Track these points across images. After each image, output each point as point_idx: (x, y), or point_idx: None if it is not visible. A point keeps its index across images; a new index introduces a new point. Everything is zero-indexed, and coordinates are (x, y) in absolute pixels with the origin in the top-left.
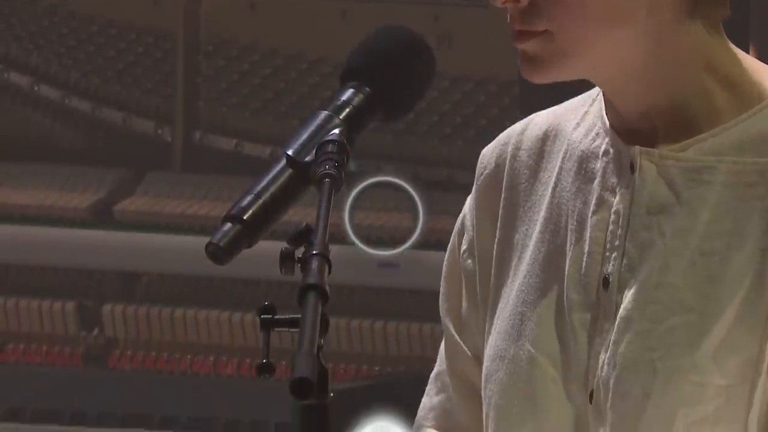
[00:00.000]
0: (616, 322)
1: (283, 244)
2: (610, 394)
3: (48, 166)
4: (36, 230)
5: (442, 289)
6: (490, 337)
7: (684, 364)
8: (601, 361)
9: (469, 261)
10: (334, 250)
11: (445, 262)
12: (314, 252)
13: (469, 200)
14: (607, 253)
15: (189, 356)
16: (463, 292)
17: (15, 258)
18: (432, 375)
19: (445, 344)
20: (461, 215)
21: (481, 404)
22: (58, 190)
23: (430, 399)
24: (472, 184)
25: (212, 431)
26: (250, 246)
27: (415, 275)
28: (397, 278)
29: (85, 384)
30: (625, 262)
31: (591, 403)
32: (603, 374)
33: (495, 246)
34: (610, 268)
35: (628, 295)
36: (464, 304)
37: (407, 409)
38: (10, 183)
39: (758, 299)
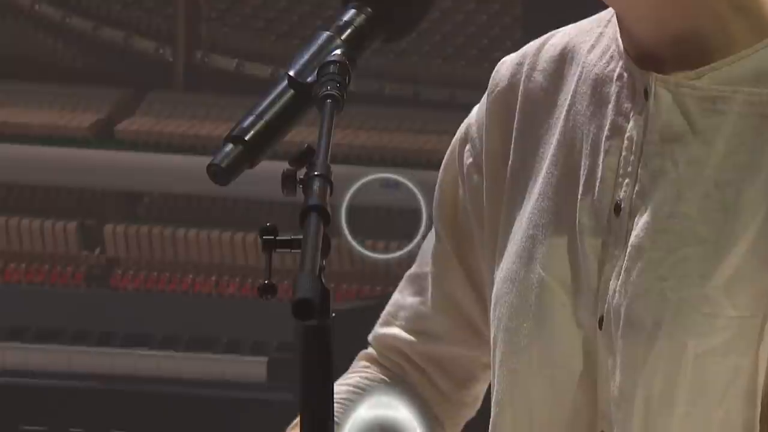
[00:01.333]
0: (628, 250)
1: (285, 165)
2: (621, 323)
3: (49, 86)
4: (37, 150)
5: (436, 195)
6: (503, 259)
7: (695, 295)
8: (611, 288)
9: (476, 176)
10: (335, 170)
11: (442, 168)
12: (316, 173)
13: (477, 112)
14: (620, 179)
15: (191, 276)
16: (462, 201)
17: (16, 177)
18: (409, 273)
19: (434, 251)
20: (465, 124)
21: (458, 318)
22: (59, 110)
23: (403, 297)
24: (473, 105)
25: (213, 351)
26: (251, 167)
27: (417, 195)
28: (399, 198)
29: (87, 304)
30: (637, 188)
31: (600, 330)
32: (614, 302)
33: (509, 168)
34: (621, 194)
35: (640, 223)
36: (461, 213)
37: None
38: (11, 102)
39: None
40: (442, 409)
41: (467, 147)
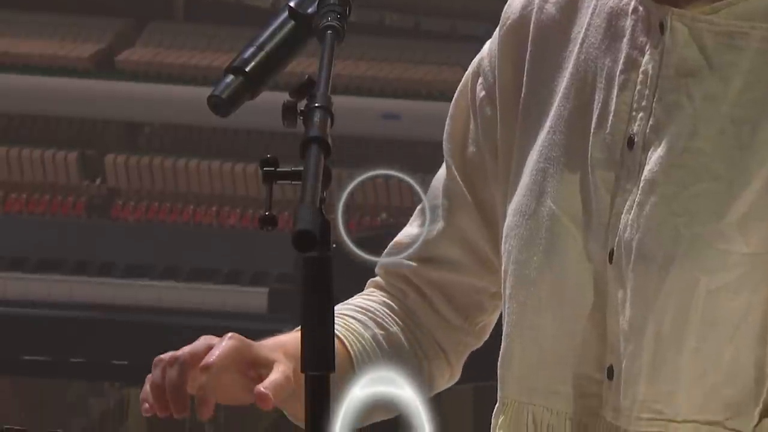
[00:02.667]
0: (641, 184)
1: (285, 96)
2: (632, 256)
3: (49, 16)
4: (37, 80)
5: (447, 128)
6: (514, 192)
7: (708, 231)
8: (623, 221)
9: (488, 108)
10: (336, 101)
11: (453, 102)
12: (316, 104)
13: (489, 45)
14: (634, 113)
15: (191, 207)
16: (473, 135)
17: (17, 108)
18: (419, 207)
19: (445, 183)
20: (478, 58)
21: (466, 248)
22: (59, 40)
23: (411, 228)
24: (474, 36)
25: (214, 281)
26: (252, 98)
27: (418, 126)
28: (400, 129)
29: (88, 234)
30: (651, 122)
31: (611, 263)
32: (626, 235)
33: (521, 100)
34: (635, 128)
35: (654, 157)
36: (472, 147)
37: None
38: (12, 32)
39: None
40: (443, 335)
41: (479, 80)
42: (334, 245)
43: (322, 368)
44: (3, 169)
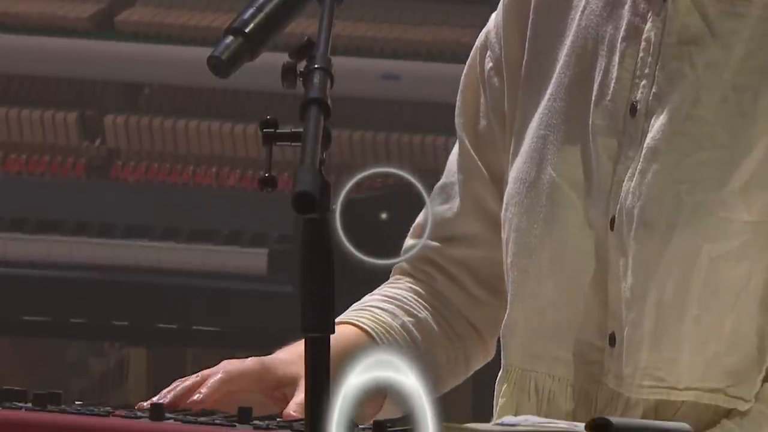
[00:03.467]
0: (643, 152)
1: (285, 57)
2: (634, 224)
3: None
4: (37, 40)
5: (458, 103)
6: (515, 159)
7: (711, 199)
8: (625, 189)
9: (496, 79)
10: (336, 62)
11: (463, 77)
12: (316, 66)
13: (495, 17)
14: (636, 80)
15: (191, 167)
16: (483, 108)
17: (16, 68)
18: (437, 186)
19: (459, 158)
20: (485, 31)
21: (486, 221)
22: (59, 0)
23: (433, 207)
24: None
25: (214, 242)
26: (252, 59)
27: (418, 87)
28: (400, 90)
29: (88, 195)
30: (654, 90)
31: (612, 231)
32: (627, 203)
33: (522, 68)
34: (638, 95)
35: (656, 125)
36: (483, 120)
37: (409, 221)
38: None
39: None
40: (474, 313)
41: (487, 53)
42: (333, 207)
43: (322, 330)
44: (2, 129)
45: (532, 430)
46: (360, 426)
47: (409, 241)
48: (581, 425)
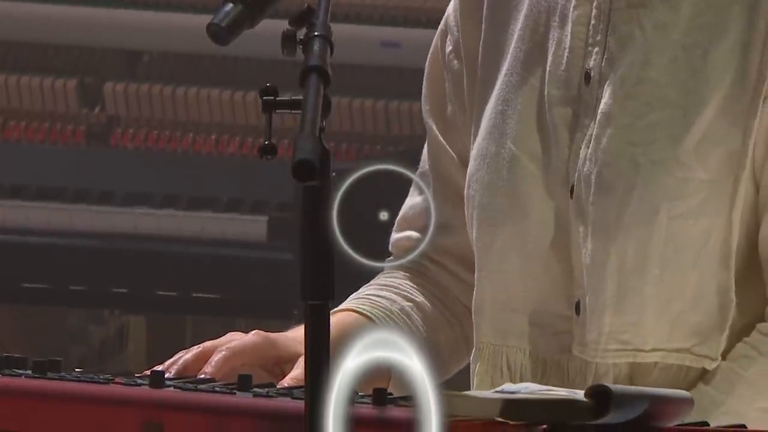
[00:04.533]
0: (597, 117)
1: (285, 25)
2: (591, 190)
3: None
4: (36, 7)
5: (424, 91)
6: (476, 138)
7: (666, 159)
8: (582, 156)
9: (456, 62)
10: (336, 29)
11: (427, 64)
12: (316, 33)
13: (452, 1)
14: (589, 48)
15: (191, 135)
16: (448, 93)
17: (16, 35)
18: (415, 175)
19: (428, 145)
20: (444, 16)
21: (461, 206)
22: None
23: (411, 199)
24: None
25: (213, 210)
26: (251, 26)
27: (417, 54)
28: (400, 57)
29: (87, 162)
30: (606, 56)
31: (572, 199)
32: (585, 169)
33: (480, 47)
34: (591, 62)
35: (609, 90)
36: (449, 105)
37: (408, 188)
38: None
39: (741, 92)
40: (468, 297)
41: (447, 38)
42: (333, 174)
43: (321, 297)
44: (2, 96)
45: (532, 397)
46: (360, 393)
47: (394, 236)
48: (581, 393)
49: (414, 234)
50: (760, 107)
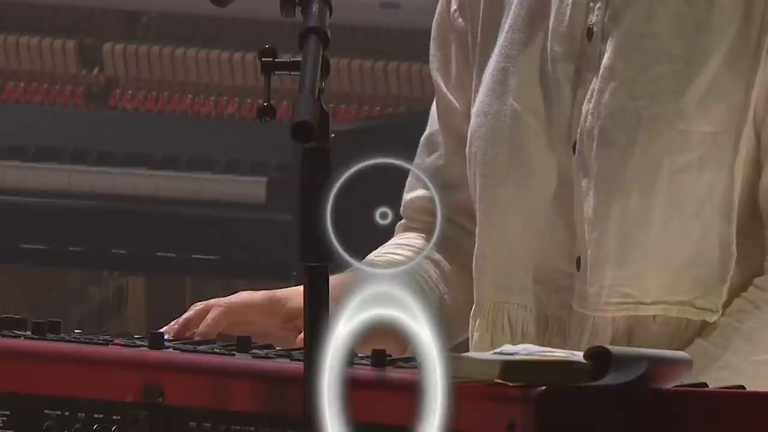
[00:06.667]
0: (600, 72)
1: None
2: (594, 144)
3: None
4: None
5: (431, 51)
6: (477, 94)
7: (669, 112)
8: (584, 111)
9: (460, 20)
10: None
11: (434, 24)
12: None
13: None
14: (591, 4)
15: (190, 96)
16: (454, 51)
17: None
18: (423, 137)
19: (436, 103)
20: None
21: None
22: None
23: (421, 160)
24: None
25: (212, 171)
26: None
27: (417, 14)
28: (399, 18)
29: (87, 123)
30: (609, 11)
31: (574, 154)
32: (587, 124)
33: (482, 4)
34: (594, 18)
35: (612, 44)
36: (455, 63)
37: (407, 149)
38: None
39: (744, 46)
40: None
41: None
42: (332, 135)
43: (321, 259)
44: (1, 57)
45: (531, 359)
46: (359, 355)
47: (406, 196)
48: (579, 354)
49: (426, 193)
50: (762, 60)
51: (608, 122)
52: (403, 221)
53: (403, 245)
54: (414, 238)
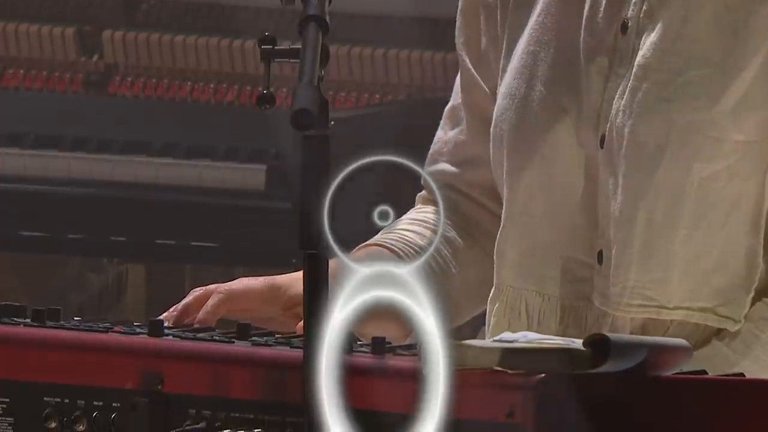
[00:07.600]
0: (634, 69)
1: None
2: (624, 142)
3: None
4: None
5: (458, 23)
6: (504, 75)
7: (701, 119)
8: (615, 107)
9: None
10: None
11: None
12: None
13: None
14: None
15: (189, 83)
16: (482, 26)
17: None
18: (446, 109)
19: (460, 77)
20: None
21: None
22: None
23: (444, 133)
24: None
25: (212, 158)
26: None
27: (417, 2)
28: (399, 5)
29: (86, 110)
30: (645, 7)
31: (602, 148)
32: (618, 121)
33: None
34: (629, 12)
35: (647, 42)
36: (483, 38)
37: (407, 136)
38: None
39: None
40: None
41: None
42: (332, 123)
43: (319, 246)
44: (0, 44)
45: (530, 346)
46: (359, 342)
47: (427, 169)
48: (578, 341)
49: (448, 167)
50: None
51: (639, 123)
52: (423, 192)
53: (420, 221)
54: (431, 213)
